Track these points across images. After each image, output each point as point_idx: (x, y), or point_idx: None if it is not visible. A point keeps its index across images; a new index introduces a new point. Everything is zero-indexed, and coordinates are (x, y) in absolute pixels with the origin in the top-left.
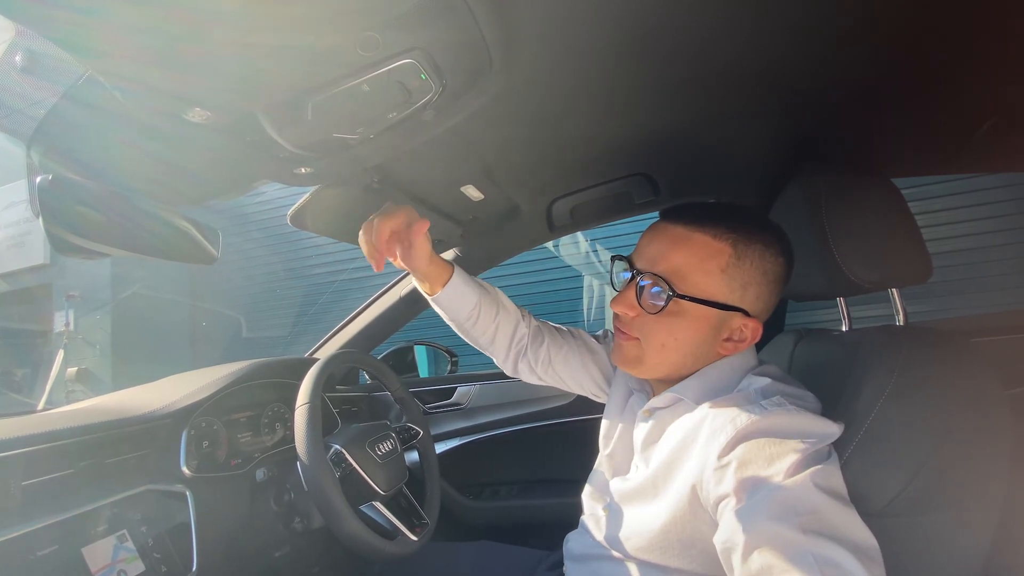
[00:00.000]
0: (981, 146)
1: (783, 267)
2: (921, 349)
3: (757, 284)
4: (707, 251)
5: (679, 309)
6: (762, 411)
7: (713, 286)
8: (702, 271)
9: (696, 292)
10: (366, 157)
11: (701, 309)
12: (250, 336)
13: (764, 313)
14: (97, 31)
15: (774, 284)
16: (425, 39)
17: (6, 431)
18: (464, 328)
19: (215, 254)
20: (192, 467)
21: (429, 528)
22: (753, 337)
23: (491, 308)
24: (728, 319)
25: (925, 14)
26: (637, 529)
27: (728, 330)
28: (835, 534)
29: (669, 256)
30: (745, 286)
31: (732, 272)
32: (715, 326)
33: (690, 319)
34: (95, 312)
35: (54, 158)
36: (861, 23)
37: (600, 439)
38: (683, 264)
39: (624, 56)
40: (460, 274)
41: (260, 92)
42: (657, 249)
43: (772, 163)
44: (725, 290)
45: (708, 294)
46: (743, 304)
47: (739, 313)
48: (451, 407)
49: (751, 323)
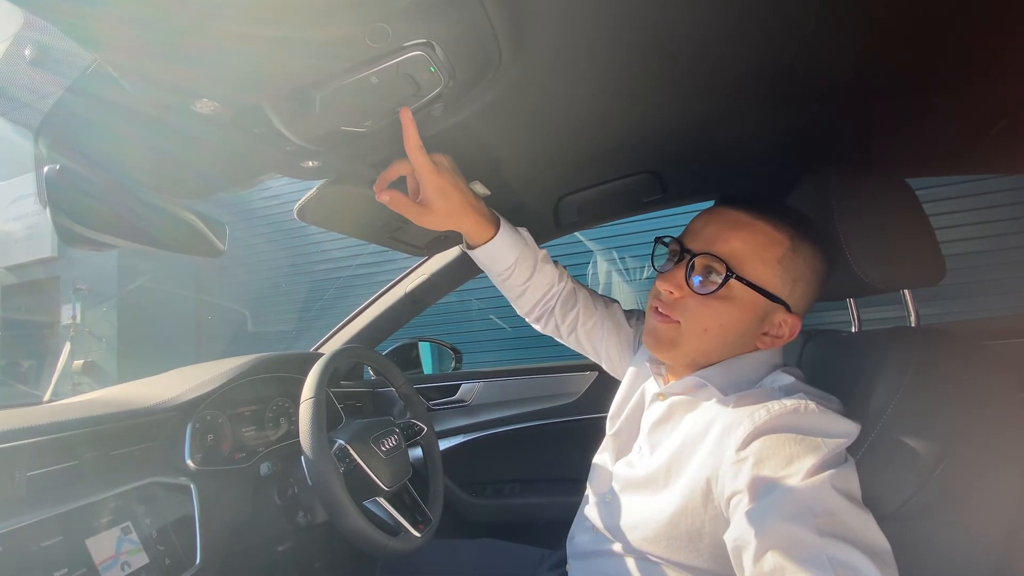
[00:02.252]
0: (993, 147)
1: (827, 270)
2: (934, 351)
3: (806, 281)
4: (768, 239)
5: (730, 294)
6: (782, 407)
7: (768, 275)
8: (760, 258)
9: (752, 278)
10: (374, 151)
11: (752, 297)
12: (255, 330)
13: (803, 312)
14: (103, 19)
15: (819, 285)
16: (435, 31)
17: (12, 422)
18: (495, 279)
19: (222, 247)
20: (196, 460)
21: (432, 525)
22: (791, 334)
23: (525, 271)
24: (772, 312)
25: (936, 14)
26: (643, 519)
27: (769, 324)
28: (851, 537)
29: (729, 238)
30: (796, 280)
31: (787, 264)
32: (759, 317)
33: (738, 305)
34: (102, 305)
35: (61, 149)
36: (873, 23)
37: (608, 418)
38: (742, 248)
39: (635, 52)
40: (503, 236)
41: (268, 83)
42: (716, 231)
43: (782, 162)
44: (778, 281)
45: (763, 282)
46: (790, 299)
47: (783, 307)
48: (455, 404)
49: (791, 319)
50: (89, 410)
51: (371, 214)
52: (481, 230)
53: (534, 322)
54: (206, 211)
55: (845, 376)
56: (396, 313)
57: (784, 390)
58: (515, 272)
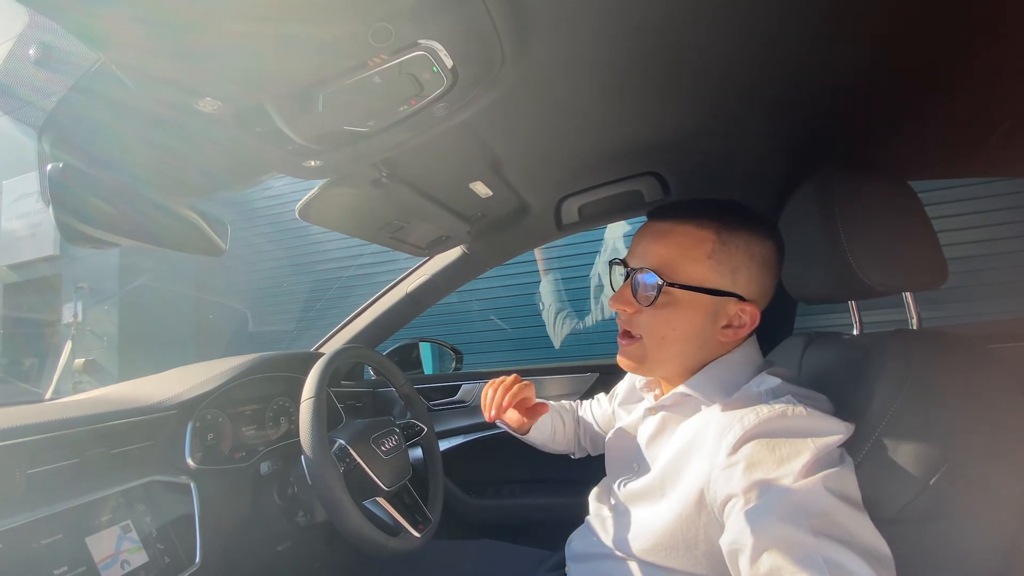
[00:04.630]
0: (996, 150)
1: (772, 250)
2: (935, 354)
3: (746, 267)
4: (691, 240)
5: (672, 299)
6: (771, 411)
7: (701, 273)
8: (688, 259)
9: (685, 280)
10: (376, 150)
11: (693, 296)
12: (256, 329)
13: (761, 298)
14: (108, 18)
15: (764, 267)
16: (438, 31)
17: (12, 419)
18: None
19: (223, 246)
20: (197, 459)
21: (432, 525)
22: (752, 322)
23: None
24: (723, 305)
25: (939, 19)
26: (642, 529)
27: (725, 316)
28: (846, 538)
29: (656, 249)
30: (734, 270)
31: (719, 257)
32: (711, 313)
33: (684, 307)
34: (103, 303)
35: (65, 148)
36: (877, 27)
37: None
38: (669, 255)
39: (638, 54)
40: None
41: (271, 82)
42: (646, 245)
43: (785, 164)
44: (714, 276)
45: (697, 281)
46: (735, 288)
47: (733, 298)
48: (455, 404)
49: (748, 307)
50: (90, 408)
51: (373, 214)
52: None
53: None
54: (208, 210)
55: (847, 379)
56: (397, 313)
57: (771, 393)
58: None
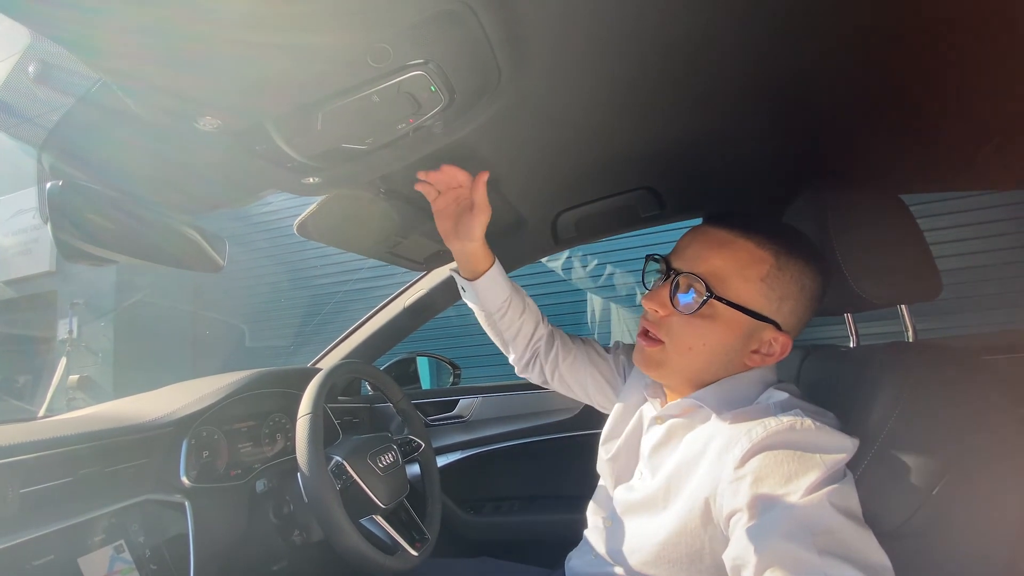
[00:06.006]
0: (988, 164)
1: (820, 287)
2: (932, 366)
3: (794, 298)
4: (750, 258)
5: (713, 312)
6: (779, 424)
7: (751, 294)
8: (742, 277)
9: (733, 297)
10: (374, 167)
11: (735, 315)
12: (252, 345)
13: (796, 330)
14: (102, 33)
15: (810, 301)
16: (435, 51)
17: (5, 438)
18: (492, 320)
19: (221, 262)
20: (192, 477)
21: (430, 543)
22: (782, 352)
23: (519, 304)
24: (760, 330)
25: (932, 34)
26: (643, 542)
27: (758, 342)
28: (850, 555)
29: (710, 258)
30: (783, 299)
31: (772, 282)
32: (746, 335)
33: (722, 324)
34: (99, 320)
35: (65, 164)
36: (869, 42)
37: (601, 443)
38: (723, 267)
39: (633, 70)
40: (498, 266)
41: (270, 102)
42: (698, 250)
43: (779, 178)
44: (762, 300)
45: (745, 301)
46: (778, 317)
47: (771, 326)
48: (453, 420)
49: (782, 338)
50: (84, 426)
51: (371, 229)
52: (485, 259)
53: (524, 367)
54: (206, 226)
55: (843, 391)
56: (394, 328)
57: (780, 406)
58: (512, 304)
